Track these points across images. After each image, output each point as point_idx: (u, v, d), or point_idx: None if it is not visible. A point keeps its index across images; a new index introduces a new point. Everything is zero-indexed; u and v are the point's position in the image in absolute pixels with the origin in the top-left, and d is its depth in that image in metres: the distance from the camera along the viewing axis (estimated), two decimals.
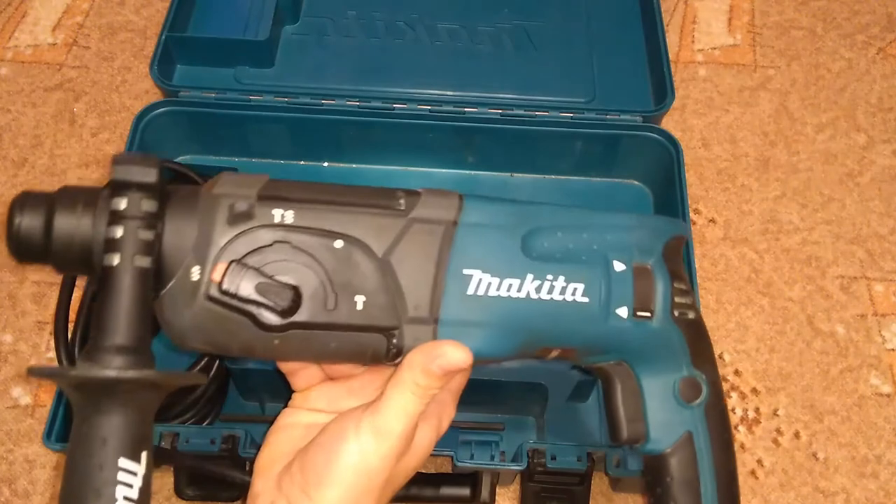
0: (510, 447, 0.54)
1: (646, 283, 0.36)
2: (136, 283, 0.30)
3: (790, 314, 0.64)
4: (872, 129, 0.73)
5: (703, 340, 0.38)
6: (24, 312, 0.63)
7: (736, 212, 0.69)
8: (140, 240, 0.30)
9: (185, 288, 0.31)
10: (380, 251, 0.33)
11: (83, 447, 0.28)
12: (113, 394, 0.29)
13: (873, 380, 0.61)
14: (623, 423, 0.38)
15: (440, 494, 0.52)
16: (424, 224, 0.34)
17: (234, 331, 0.32)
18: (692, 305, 0.37)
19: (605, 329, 0.35)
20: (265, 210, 0.32)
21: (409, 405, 0.33)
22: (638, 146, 0.64)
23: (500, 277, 0.34)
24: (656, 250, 0.36)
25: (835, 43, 0.79)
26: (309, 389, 0.39)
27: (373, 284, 0.33)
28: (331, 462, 0.32)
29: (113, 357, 0.29)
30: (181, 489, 0.52)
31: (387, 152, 0.67)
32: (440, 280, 0.33)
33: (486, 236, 0.34)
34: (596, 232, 0.36)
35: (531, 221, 0.35)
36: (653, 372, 0.37)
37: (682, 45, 0.79)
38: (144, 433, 0.29)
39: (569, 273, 0.35)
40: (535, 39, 0.70)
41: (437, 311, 0.33)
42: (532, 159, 0.66)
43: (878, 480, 0.57)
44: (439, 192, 0.35)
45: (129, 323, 0.29)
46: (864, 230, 0.68)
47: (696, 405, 0.37)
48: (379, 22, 0.71)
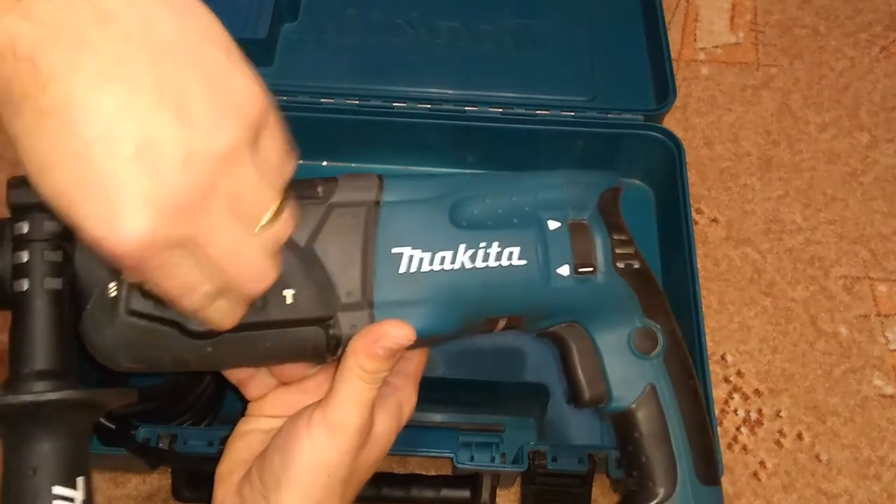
0: (510, 449, 0.53)
1: (584, 239, 0.35)
2: (49, 305, 0.28)
3: (793, 315, 0.64)
4: (876, 129, 0.73)
5: (652, 289, 0.37)
6: None
7: (738, 211, 0.68)
8: (48, 261, 0.29)
9: (103, 306, 0.30)
10: (301, 240, 0.32)
11: (14, 480, 0.27)
12: (37, 420, 0.27)
13: (876, 381, 0.61)
14: (584, 384, 0.37)
15: (440, 496, 0.52)
16: (346, 208, 0.33)
17: (162, 343, 0.31)
18: (635, 255, 0.36)
19: (548, 290, 0.34)
20: None
21: (359, 393, 0.32)
22: (639, 145, 0.64)
23: (432, 251, 0.33)
24: (591, 204, 0.35)
25: (838, 41, 0.78)
26: (263, 397, 0.37)
27: (299, 276, 0.32)
28: (286, 463, 0.32)
29: (34, 383, 0.28)
30: (179, 491, 0.52)
31: (386, 151, 0.66)
32: (369, 262, 0.32)
33: (411, 212, 0.33)
34: (525, 193, 0.35)
35: (456, 191, 0.34)
36: (606, 328, 0.36)
37: (684, 44, 0.78)
38: (78, 457, 0.28)
39: (502, 238, 0.34)
40: (536, 38, 0.70)
41: (370, 294, 0.32)
42: (533, 158, 0.66)
43: (881, 482, 0.57)
44: (358, 175, 0.34)
45: (46, 347, 0.28)
46: (867, 230, 0.68)
47: (655, 356, 0.36)
48: (378, 20, 0.70)
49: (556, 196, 0.35)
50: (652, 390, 0.36)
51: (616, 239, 0.36)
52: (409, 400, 0.37)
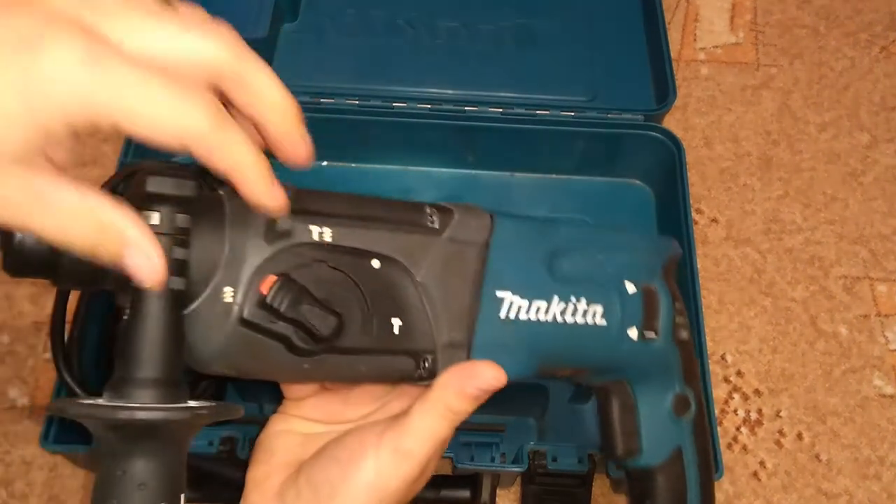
0: (511, 449, 0.53)
1: (653, 305, 0.36)
2: (170, 307, 0.27)
3: (793, 315, 0.64)
4: (876, 129, 0.73)
5: (692, 358, 0.39)
6: (21, 313, 0.62)
7: (738, 211, 0.68)
8: (175, 259, 0.27)
9: (214, 310, 0.28)
10: (417, 273, 0.32)
11: (118, 493, 0.25)
12: (153, 436, 0.26)
13: (876, 381, 0.61)
14: (619, 438, 0.38)
15: (440, 496, 0.52)
16: (459, 245, 0.33)
17: (263, 355, 0.29)
18: (685, 325, 0.38)
19: (618, 350, 0.35)
20: (303, 227, 0.30)
21: (437, 429, 0.32)
22: (640, 145, 0.64)
23: (530, 300, 0.33)
24: (658, 271, 0.37)
25: (838, 41, 0.78)
26: (302, 399, 0.37)
27: (410, 307, 0.31)
28: (347, 478, 0.31)
29: (147, 392, 0.26)
30: None
31: (386, 151, 0.66)
32: (475, 303, 0.33)
33: (515, 257, 0.34)
34: (609, 253, 0.36)
35: (554, 241, 0.35)
36: (649, 389, 0.38)
37: (684, 44, 0.78)
38: (182, 474, 0.27)
39: (589, 295, 0.35)
40: (536, 38, 0.70)
41: (471, 335, 0.33)
42: (533, 158, 0.66)
43: (881, 482, 0.57)
44: (471, 209, 0.34)
45: (164, 353, 0.26)
46: (867, 230, 0.68)
47: (686, 420, 0.38)
48: (378, 20, 0.70)
49: (633, 259, 0.36)
50: (678, 452, 0.38)
51: (676, 307, 0.37)
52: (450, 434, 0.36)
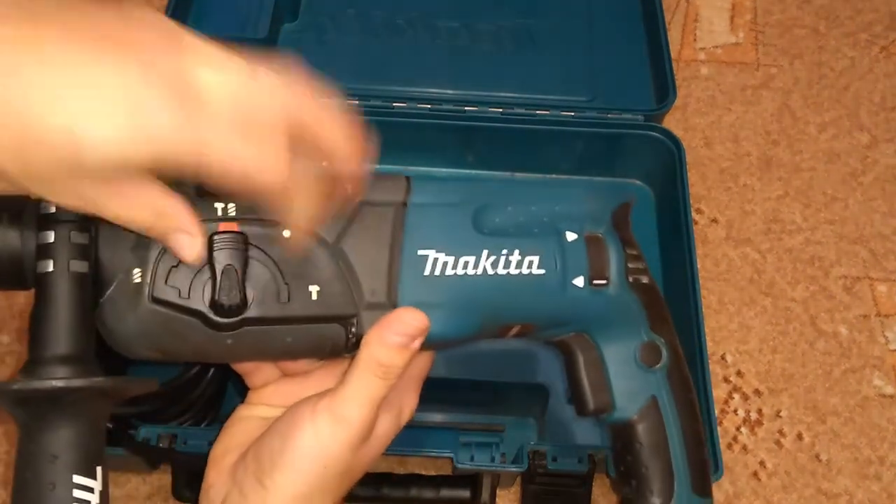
0: (510, 449, 0.53)
1: (599, 252, 0.35)
2: (73, 288, 0.28)
3: (793, 315, 0.64)
4: (876, 129, 0.73)
5: (658, 304, 0.38)
6: (21, 313, 0.62)
7: (738, 211, 0.68)
8: (74, 243, 0.28)
9: (126, 292, 0.30)
10: (330, 237, 0.32)
11: (32, 466, 0.26)
12: (60, 406, 0.27)
13: (876, 381, 0.61)
14: (588, 394, 0.37)
15: (440, 496, 0.52)
16: (374, 207, 0.33)
17: (184, 333, 0.30)
18: (644, 270, 0.37)
19: (563, 300, 0.35)
20: (206, 204, 0.31)
21: (370, 389, 0.32)
22: (639, 145, 0.64)
23: (456, 256, 0.33)
24: (605, 218, 0.36)
25: (838, 41, 0.78)
26: (265, 387, 0.37)
27: (327, 273, 0.32)
28: (286, 447, 0.31)
29: (56, 368, 0.27)
30: (179, 491, 0.52)
31: (386, 151, 0.65)
32: (395, 263, 0.33)
33: (437, 215, 0.34)
34: (545, 204, 0.36)
35: (480, 197, 0.35)
36: (613, 340, 0.37)
37: (684, 44, 0.78)
38: (97, 446, 0.27)
39: (523, 246, 0.34)
40: (536, 38, 0.70)
41: (394, 294, 0.33)
42: (533, 158, 0.66)
43: (881, 482, 0.57)
44: (387, 175, 0.34)
45: (69, 331, 0.28)
46: (867, 230, 0.68)
47: (658, 369, 0.37)
48: (378, 20, 0.70)
49: (574, 209, 0.36)
50: (654, 402, 0.37)
51: (629, 253, 0.36)
52: (410, 403, 0.37)
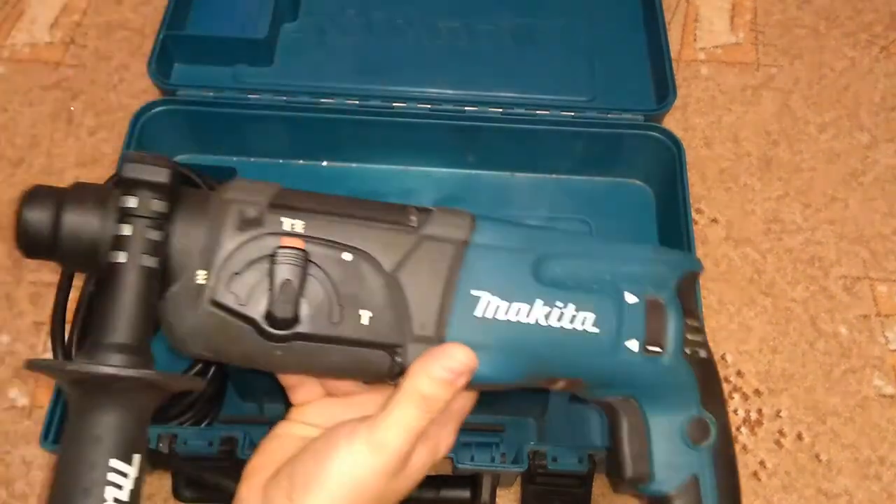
0: (511, 449, 0.53)
1: (658, 318, 0.35)
2: (140, 281, 0.30)
3: (793, 315, 0.64)
4: (876, 129, 0.73)
5: (713, 380, 0.37)
6: (21, 313, 0.62)
7: (738, 211, 0.68)
8: (148, 239, 0.30)
9: (189, 291, 0.31)
10: (388, 266, 0.32)
11: (75, 444, 0.28)
12: (109, 392, 0.28)
13: (876, 381, 0.61)
14: (627, 461, 0.37)
15: (440, 496, 0.52)
16: (435, 242, 0.33)
17: (236, 338, 0.31)
18: (703, 343, 0.36)
19: (613, 362, 0.34)
20: (275, 218, 0.32)
21: (410, 420, 0.32)
22: (640, 145, 0.64)
23: (509, 301, 0.33)
24: (669, 285, 0.36)
25: (838, 41, 0.78)
26: (307, 404, 0.38)
27: (379, 300, 0.32)
28: (319, 469, 0.31)
29: (112, 355, 0.29)
30: (179, 491, 0.52)
31: (386, 151, 0.66)
32: (448, 299, 0.33)
33: (496, 258, 0.34)
34: (609, 262, 0.35)
35: (544, 247, 0.34)
36: (661, 410, 0.36)
37: (684, 44, 0.78)
38: (138, 436, 0.29)
39: (579, 301, 0.34)
40: (536, 38, 0.70)
41: (442, 330, 0.33)
42: (533, 158, 0.66)
43: (881, 482, 0.57)
44: (452, 210, 0.34)
45: (130, 321, 0.29)
46: (867, 230, 0.68)
47: (704, 447, 0.36)
48: (378, 20, 0.70)
49: (638, 270, 0.35)
50: (695, 481, 0.36)
51: (689, 324, 0.36)
52: (447, 439, 0.36)
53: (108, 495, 0.27)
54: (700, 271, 0.38)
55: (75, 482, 0.27)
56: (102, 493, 0.27)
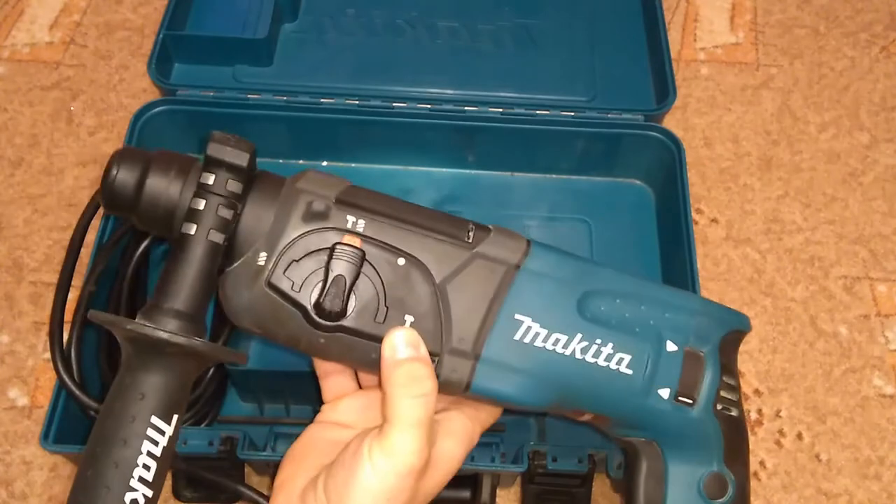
0: (510, 449, 0.53)
1: (695, 370, 0.35)
2: (206, 255, 0.32)
3: (793, 315, 0.64)
4: (876, 129, 0.73)
5: (740, 439, 0.37)
6: (21, 313, 0.62)
7: (738, 211, 0.68)
8: (219, 216, 0.32)
9: (249, 270, 0.33)
10: (438, 277, 0.33)
11: (122, 397, 0.30)
12: (160, 354, 0.30)
13: (876, 381, 0.61)
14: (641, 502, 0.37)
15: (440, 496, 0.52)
16: (487, 261, 0.34)
17: (285, 321, 0.33)
18: (737, 403, 0.37)
19: (642, 405, 0.35)
20: (340, 214, 0.33)
21: (409, 414, 0.32)
22: (639, 145, 0.64)
23: (550, 330, 0.34)
24: (713, 340, 0.36)
25: (838, 41, 0.78)
26: (338, 400, 0.38)
27: (424, 307, 0.33)
28: (349, 482, 0.32)
29: (169, 319, 0.31)
30: (179, 491, 0.52)
31: (386, 151, 0.66)
32: (490, 319, 0.34)
33: (545, 286, 0.34)
34: (656, 307, 0.35)
35: (593, 282, 0.35)
36: (682, 460, 0.37)
37: (684, 44, 0.78)
38: (180, 398, 0.31)
39: (619, 342, 0.34)
40: (536, 38, 0.70)
41: (480, 347, 0.34)
42: (533, 158, 0.66)
43: (881, 482, 0.57)
44: (509, 232, 0.35)
45: (191, 291, 0.31)
46: (867, 230, 0.68)
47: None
48: (378, 20, 0.70)
49: (684, 320, 0.36)
50: None
51: (725, 381, 0.36)
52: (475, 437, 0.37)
53: (144, 448, 0.29)
54: (747, 331, 0.38)
55: (117, 431, 0.29)
56: (140, 446, 0.29)
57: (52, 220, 0.66)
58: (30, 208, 0.67)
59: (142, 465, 0.29)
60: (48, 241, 0.65)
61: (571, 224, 0.65)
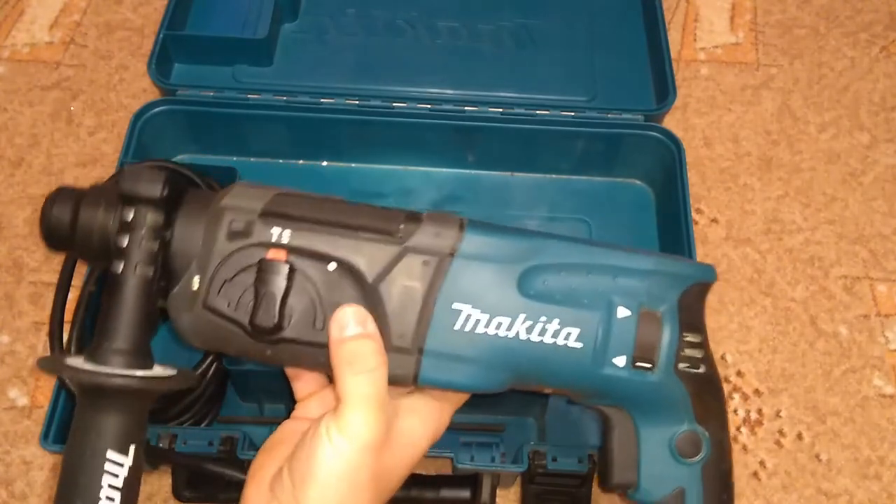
0: (510, 449, 0.53)
1: (651, 332, 0.34)
2: (139, 289, 0.32)
3: (793, 315, 0.64)
4: (875, 129, 0.73)
5: (711, 396, 0.36)
6: (21, 313, 0.62)
7: (738, 211, 0.68)
8: (144, 250, 0.32)
9: (186, 294, 0.33)
10: (370, 277, 0.33)
11: (79, 434, 0.31)
12: (103, 394, 0.31)
13: (876, 381, 0.61)
14: (614, 468, 0.37)
15: (440, 496, 0.52)
16: (419, 254, 0.33)
17: (229, 338, 0.33)
18: (703, 359, 0.35)
19: (598, 376, 0.34)
20: (264, 228, 0.33)
21: (358, 389, 0.32)
22: (639, 145, 0.64)
23: (491, 314, 0.33)
24: (671, 297, 0.35)
25: (837, 41, 0.78)
26: (309, 398, 0.39)
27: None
28: (310, 464, 0.32)
29: (110, 358, 0.31)
30: (179, 491, 0.52)
31: (386, 151, 0.66)
32: (427, 312, 0.33)
33: (481, 270, 0.33)
34: (605, 274, 0.34)
35: (535, 256, 0.34)
36: (652, 422, 0.36)
37: (684, 44, 0.78)
38: (134, 429, 0.31)
39: (564, 316, 0.34)
40: (536, 38, 0.70)
41: (421, 342, 0.33)
42: (533, 158, 0.66)
43: (881, 482, 0.57)
44: (441, 217, 0.34)
45: (128, 327, 0.32)
46: (867, 230, 0.68)
47: (694, 462, 0.36)
48: (378, 20, 0.70)
49: (636, 283, 0.34)
50: (680, 493, 0.36)
51: (687, 340, 0.35)
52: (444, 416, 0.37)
53: (104, 482, 0.30)
54: (712, 281, 0.36)
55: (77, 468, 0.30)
56: (100, 480, 0.30)
57: None
58: (30, 208, 0.67)
59: (105, 497, 0.30)
60: None
61: (571, 224, 0.65)
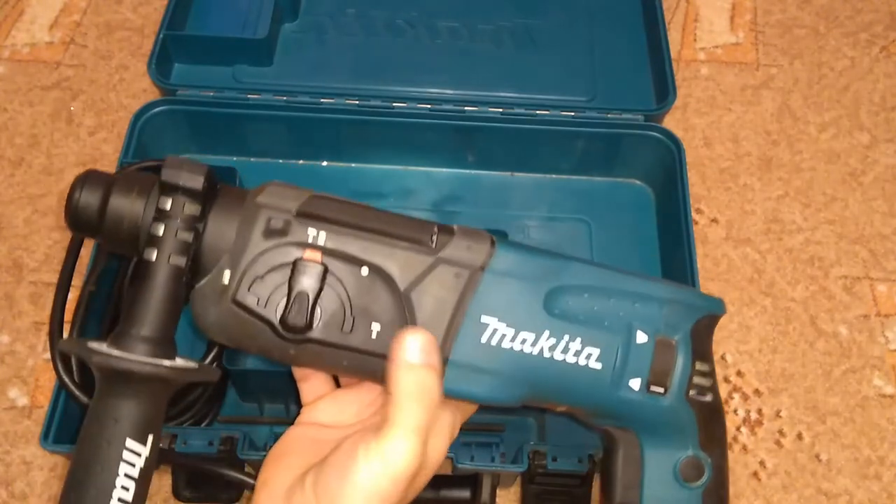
0: (510, 449, 0.53)
1: (666, 359, 0.35)
2: (169, 279, 0.32)
3: (793, 315, 0.64)
4: (875, 129, 0.73)
5: (715, 423, 0.37)
6: (21, 313, 0.62)
7: (738, 211, 0.68)
8: (179, 240, 0.32)
9: (215, 288, 0.33)
10: (402, 285, 0.33)
11: (96, 422, 0.31)
12: (128, 381, 0.31)
13: (876, 381, 0.61)
14: (618, 488, 0.38)
15: (440, 496, 0.52)
16: (451, 265, 0.34)
17: (254, 335, 0.33)
18: (710, 387, 0.37)
19: (613, 397, 0.35)
20: (301, 228, 0.33)
21: (412, 420, 0.32)
22: (639, 145, 0.64)
23: (517, 330, 0.34)
24: (685, 326, 0.36)
25: (837, 41, 0.78)
26: (316, 402, 0.39)
27: (390, 316, 0.34)
28: (343, 485, 0.32)
29: (137, 345, 0.31)
30: (179, 491, 0.52)
31: (386, 151, 0.66)
32: (455, 323, 0.34)
33: (510, 286, 0.34)
34: (625, 299, 0.35)
35: (560, 277, 0.35)
36: (657, 445, 0.37)
37: (684, 44, 0.78)
38: (153, 419, 0.31)
39: (587, 337, 0.34)
40: (536, 38, 0.70)
41: (447, 351, 0.34)
42: (533, 158, 0.66)
43: (881, 482, 0.57)
44: (473, 233, 0.35)
45: (157, 316, 0.32)
46: (867, 230, 0.68)
47: (696, 487, 0.37)
48: (378, 20, 0.70)
49: (654, 310, 0.35)
50: None
51: (698, 369, 0.36)
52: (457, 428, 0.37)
53: (121, 470, 0.30)
54: (721, 314, 0.37)
55: (92, 457, 0.30)
56: (117, 469, 0.30)
57: (52, 220, 0.66)
58: (30, 208, 0.67)
59: (120, 486, 0.30)
60: (48, 241, 0.65)
61: (571, 224, 0.65)
